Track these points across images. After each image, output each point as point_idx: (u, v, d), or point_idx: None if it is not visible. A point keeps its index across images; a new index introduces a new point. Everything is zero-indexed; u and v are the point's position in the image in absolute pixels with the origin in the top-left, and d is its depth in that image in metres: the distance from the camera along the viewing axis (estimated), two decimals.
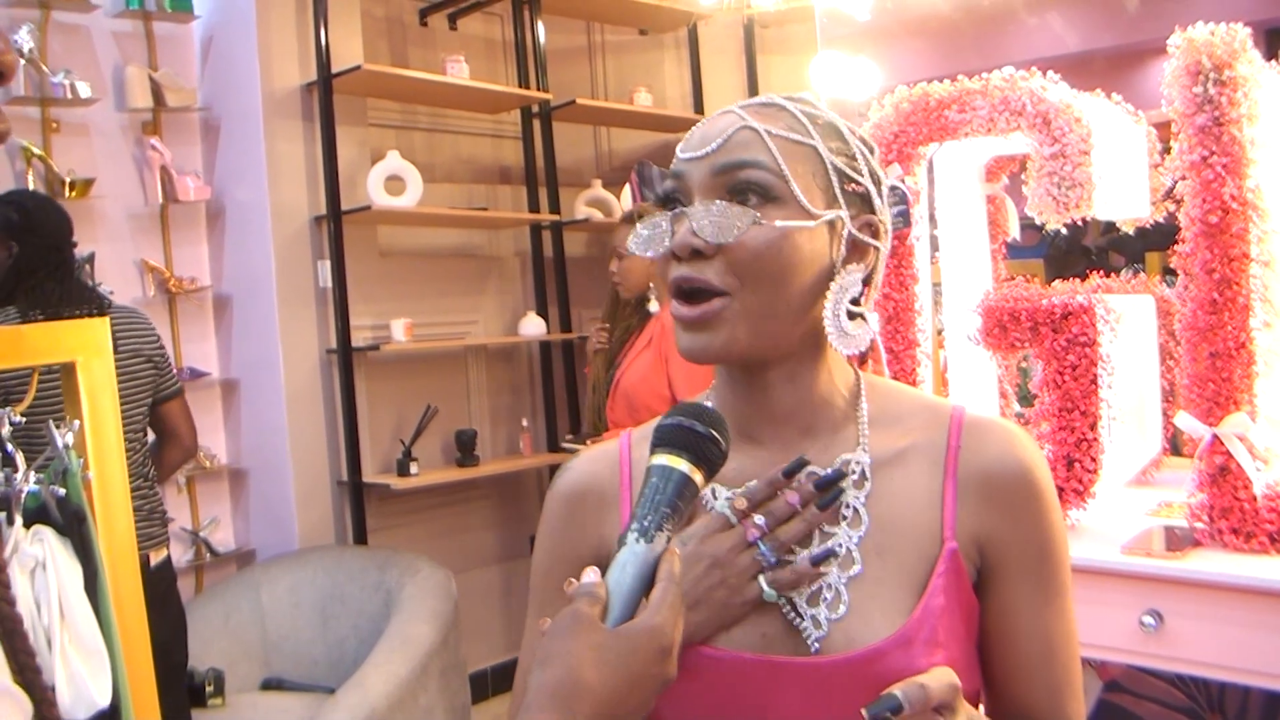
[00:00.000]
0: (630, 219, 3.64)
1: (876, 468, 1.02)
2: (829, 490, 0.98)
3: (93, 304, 2.92)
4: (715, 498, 1.02)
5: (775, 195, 0.97)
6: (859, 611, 0.96)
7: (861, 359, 1.10)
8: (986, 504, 1.01)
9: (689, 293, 0.98)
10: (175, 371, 3.19)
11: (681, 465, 0.88)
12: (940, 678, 0.85)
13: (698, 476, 0.89)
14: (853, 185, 1.02)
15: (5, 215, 2.88)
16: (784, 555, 0.98)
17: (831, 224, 1.00)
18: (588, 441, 3.58)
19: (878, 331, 1.07)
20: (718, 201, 0.97)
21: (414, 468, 4.15)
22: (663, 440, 0.90)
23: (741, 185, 0.97)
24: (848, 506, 1.00)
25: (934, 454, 1.03)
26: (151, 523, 2.95)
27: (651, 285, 3.62)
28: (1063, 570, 1.04)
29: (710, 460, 0.90)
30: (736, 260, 0.96)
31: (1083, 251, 3.48)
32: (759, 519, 0.97)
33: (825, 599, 0.97)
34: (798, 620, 0.97)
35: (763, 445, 1.04)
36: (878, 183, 1.05)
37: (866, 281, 1.05)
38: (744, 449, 1.03)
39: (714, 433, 0.90)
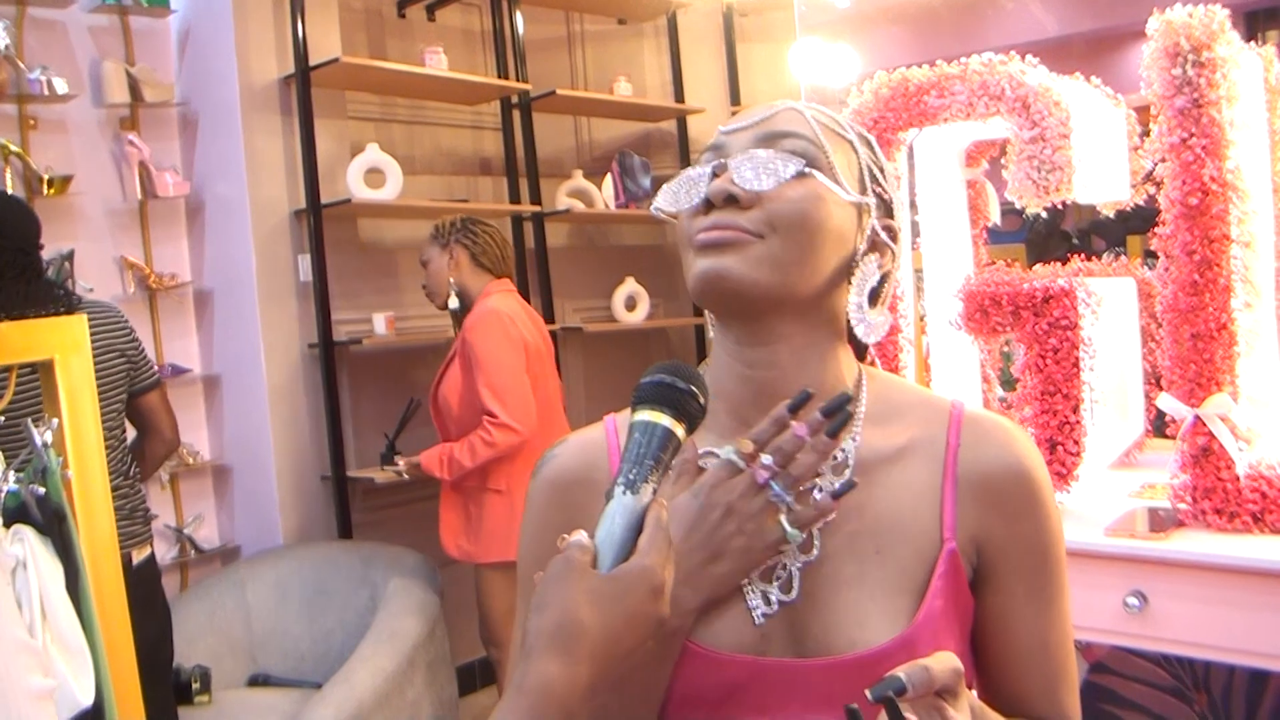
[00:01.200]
0: (431, 234, 3.63)
1: (871, 463, 1.01)
2: (837, 415, 0.96)
3: (59, 303, 2.89)
4: (718, 455, 1.00)
5: (816, 165, 0.99)
6: (859, 613, 0.95)
7: (861, 351, 1.10)
8: (985, 504, 1.00)
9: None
10: (152, 364, 3.16)
11: (664, 420, 0.89)
12: (944, 661, 0.85)
13: (679, 430, 0.90)
14: (878, 188, 1.05)
15: None
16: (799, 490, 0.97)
17: (859, 210, 1.02)
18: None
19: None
20: (758, 151, 0.98)
21: (398, 461, 4.14)
22: (644, 397, 0.91)
23: (784, 149, 0.99)
24: (818, 490, 0.98)
25: (933, 451, 1.02)
26: (134, 521, 2.93)
27: (453, 285, 3.54)
28: (1060, 569, 1.04)
29: (690, 415, 0.91)
30: (773, 211, 0.96)
31: (1062, 236, 3.49)
32: (766, 458, 0.95)
33: (778, 577, 0.98)
34: (749, 593, 0.98)
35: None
36: (891, 200, 1.07)
37: (883, 280, 1.07)
38: (737, 432, 1.02)
39: (693, 388, 0.91)
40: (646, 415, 0.90)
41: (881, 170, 1.06)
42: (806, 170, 0.97)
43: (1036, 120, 2.26)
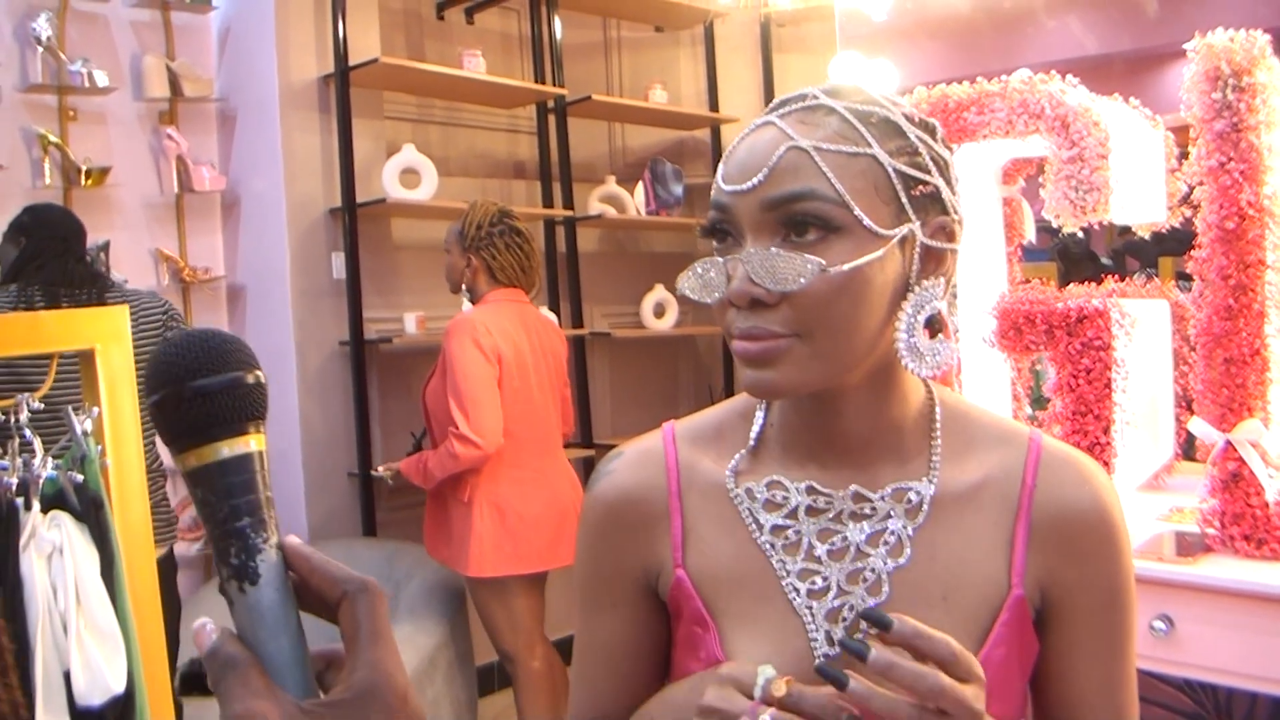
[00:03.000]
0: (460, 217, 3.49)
1: (945, 502, 0.97)
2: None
3: (94, 285, 2.98)
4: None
5: (838, 225, 0.88)
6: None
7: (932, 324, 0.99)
8: (1057, 547, 0.97)
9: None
10: None
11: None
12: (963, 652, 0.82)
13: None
14: (920, 188, 0.92)
15: (18, 219, 3.04)
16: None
17: (903, 240, 0.91)
18: None
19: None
20: (772, 249, 0.88)
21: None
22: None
23: (799, 219, 0.88)
24: (891, 534, 0.96)
25: (1007, 490, 0.98)
26: (156, 517, 2.97)
27: (464, 286, 3.42)
28: (1129, 612, 1.00)
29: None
30: (803, 307, 0.88)
31: (1090, 257, 3.48)
32: (765, 717, 0.83)
33: (863, 629, 0.92)
34: (811, 631, 0.95)
35: (825, 469, 0.99)
36: (946, 169, 0.95)
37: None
38: (803, 468, 0.99)
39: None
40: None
41: (915, 155, 0.92)
42: (828, 269, 0.87)
43: (1075, 140, 2.26)
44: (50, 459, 1.75)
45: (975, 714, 0.81)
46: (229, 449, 0.59)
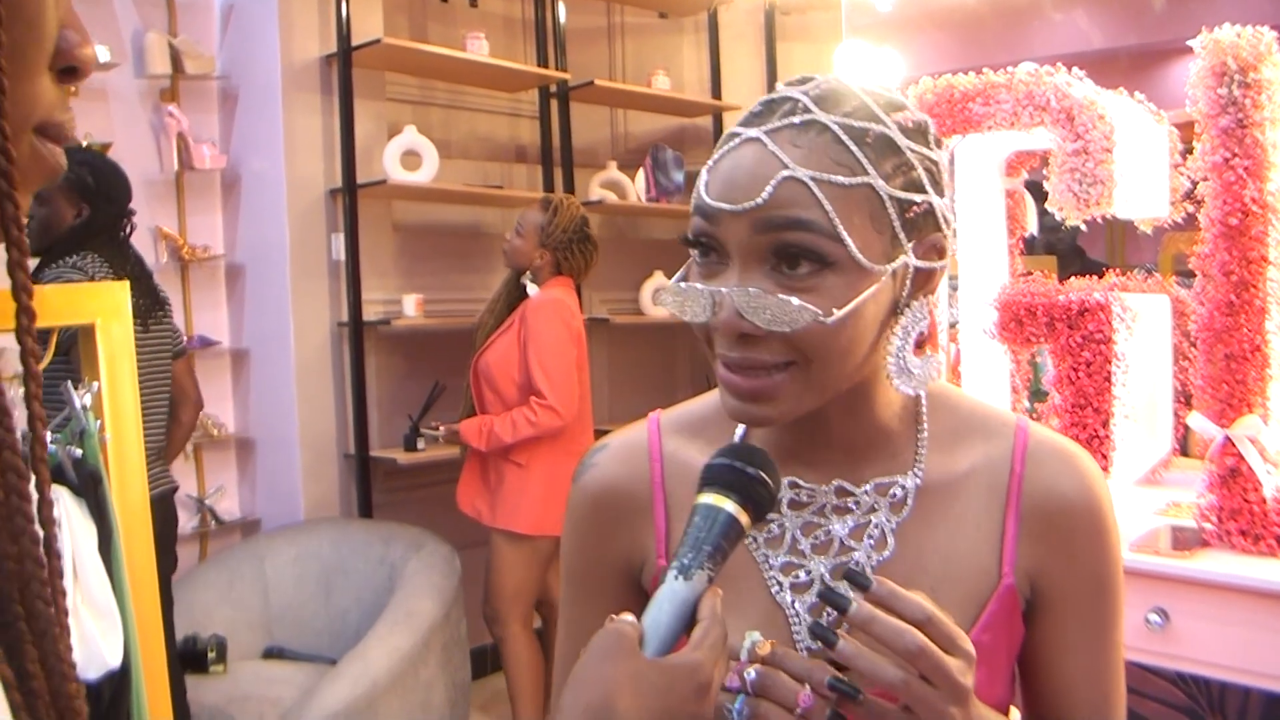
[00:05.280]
0: (543, 203, 3.66)
1: (932, 493, 0.97)
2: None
3: (129, 264, 3.00)
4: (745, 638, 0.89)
5: (831, 260, 0.85)
6: None
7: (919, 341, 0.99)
8: (1047, 535, 0.97)
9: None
10: (180, 332, 3.28)
11: (727, 505, 0.85)
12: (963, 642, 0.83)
13: (744, 518, 0.85)
14: (914, 209, 0.89)
15: (79, 175, 2.95)
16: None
17: (895, 270, 0.89)
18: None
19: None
20: (753, 289, 0.85)
21: (421, 443, 4.16)
22: (710, 479, 0.87)
23: (792, 250, 0.85)
24: (875, 527, 0.96)
25: (995, 479, 0.98)
26: (154, 466, 3.00)
27: (529, 272, 3.60)
28: (1117, 599, 1.01)
29: (758, 502, 0.86)
30: (796, 340, 0.86)
31: (1077, 252, 3.48)
32: (751, 673, 0.85)
33: (829, 613, 0.93)
34: (794, 625, 0.95)
35: (812, 467, 0.99)
36: (936, 174, 0.92)
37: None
38: (791, 468, 0.98)
39: (764, 475, 0.86)
40: (710, 499, 0.85)
41: (910, 172, 0.89)
42: (824, 319, 0.84)
43: (1080, 133, 2.26)
44: (50, 433, 1.75)
45: (958, 686, 0.81)
46: (736, 510, 0.85)
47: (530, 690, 3.55)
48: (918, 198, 0.89)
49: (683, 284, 0.90)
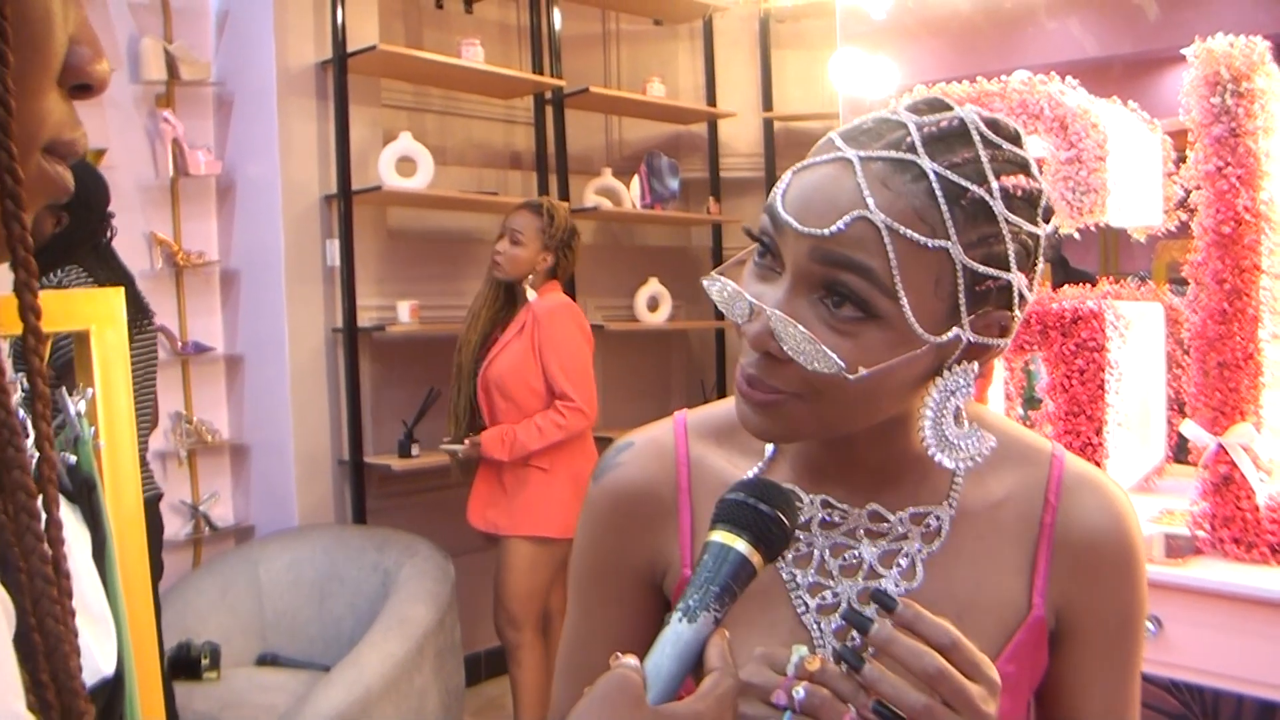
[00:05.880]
0: (534, 207, 3.59)
1: (964, 521, 0.96)
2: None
3: (131, 286, 2.99)
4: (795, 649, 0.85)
5: (880, 313, 0.82)
6: None
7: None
8: (1076, 570, 0.96)
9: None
10: None
11: (739, 545, 0.81)
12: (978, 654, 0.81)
13: (756, 558, 0.81)
14: (988, 284, 0.84)
15: None
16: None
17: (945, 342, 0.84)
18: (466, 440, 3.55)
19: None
20: (797, 326, 0.82)
21: (415, 449, 4.16)
22: (723, 516, 0.83)
23: (841, 289, 0.82)
24: (905, 556, 0.95)
25: (1029, 511, 0.97)
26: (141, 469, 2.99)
27: (529, 276, 3.54)
28: (1140, 635, 1.00)
29: (771, 542, 0.82)
30: (810, 380, 0.84)
31: (1060, 262, 3.48)
32: (800, 691, 0.81)
33: (853, 638, 0.90)
34: (820, 649, 0.93)
35: (845, 487, 0.97)
36: (1031, 249, 0.87)
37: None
38: (823, 486, 0.97)
39: (779, 514, 0.82)
40: (721, 537, 0.82)
41: (996, 244, 0.83)
42: (849, 377, 0.82)
43: (1074, 141, 2.27)
44: None
45: (980, 713, 0.79)
46: (748, 551, 0.82)
47: (537, 699, 3.52)
48: (995, 273, 0.84)
49: (730, 285, 0.87)
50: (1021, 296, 0.87)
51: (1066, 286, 2.78)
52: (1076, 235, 2.33)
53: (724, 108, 5.29)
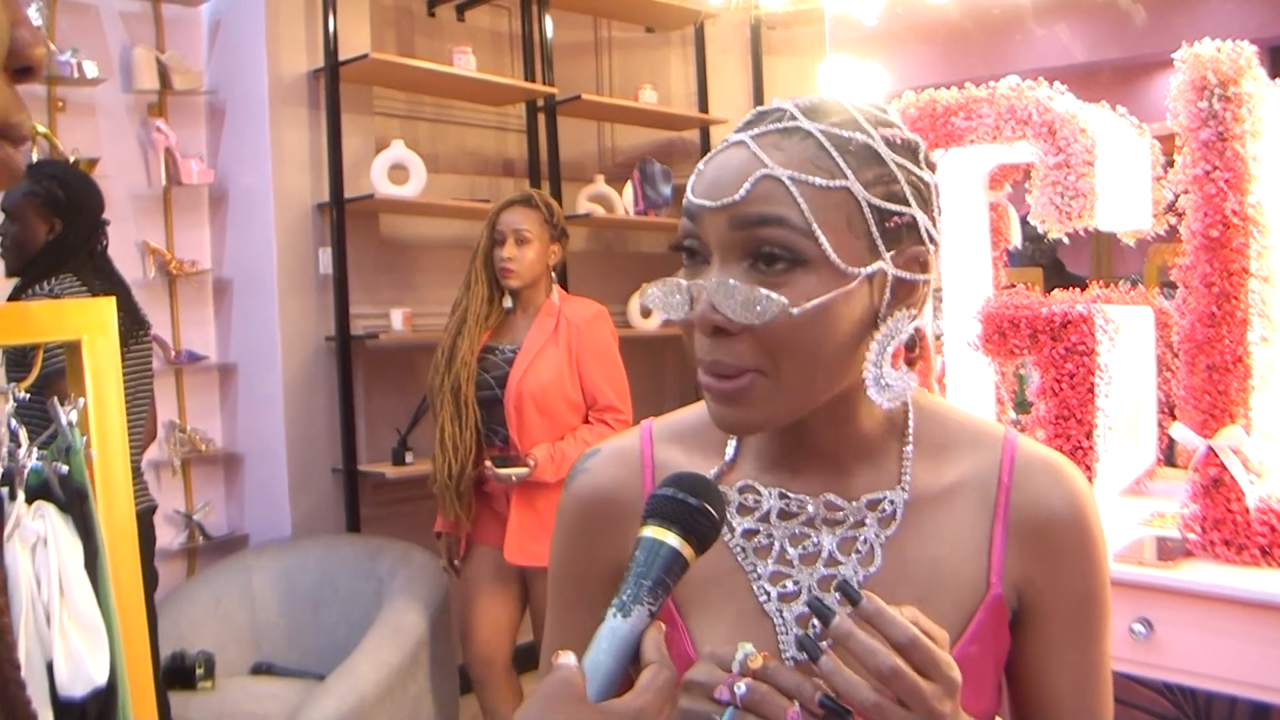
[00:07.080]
0: (527, 201, 3.30)
1: (919, 504, 0.98)
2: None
3: (127, 295, 2.98)
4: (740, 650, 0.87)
5: (805, 258, 0.86)
6: None
7: (910, 354, 1.01)
8: (1034, 547, 0.98)
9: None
10: None
11: (669, 539, 0.84)
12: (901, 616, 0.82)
13: (687, 551, 0.84)
14: (895, 219, 0.90)
15: (49, 189, 2.87)
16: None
17: (872, 274, 0.89)
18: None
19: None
20: (732, 281, 0.86)
21: (409, 457, 4.16)
22: (653, 511, 0.85)
23: (766, 247, 0.87)
24: (864, 542, 0.96)
25: (983, 491, 0.99)
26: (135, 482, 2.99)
27: (552, 277, 3.32)
28: (1104, 611, 1.01)
29: (701, 533, 0.85)
30: (766, 339, 0.87)
31: (1056, 266, 3.49)
32: (741, 687, 0.83)
33: (814, 625, 0.94)
34: (781, 637, 0.95)
35: (800, 477, 0.99)
36: (926, 194, 0.94)
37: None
38: (776, 474, 1.00)
39: (707, 506, 0.85)
40: (651, 532, 0.84)
41: (892, 184, 0.91)
42: (793, 311, 0.85)
43: (1062, 146, 2.28)
44: (35, 449, 1.75)
45: (934, 712, 0.81)
46: (679, 544, 0.84)
47: None
48: (898, 209, 0.90)
49: (664, 280, 0.92)
50: (930, 235, 0.93)
51: (1057, 291, 2.79)
52: (1066, 240, 2.34)
53: (716, 114, 5.30)
